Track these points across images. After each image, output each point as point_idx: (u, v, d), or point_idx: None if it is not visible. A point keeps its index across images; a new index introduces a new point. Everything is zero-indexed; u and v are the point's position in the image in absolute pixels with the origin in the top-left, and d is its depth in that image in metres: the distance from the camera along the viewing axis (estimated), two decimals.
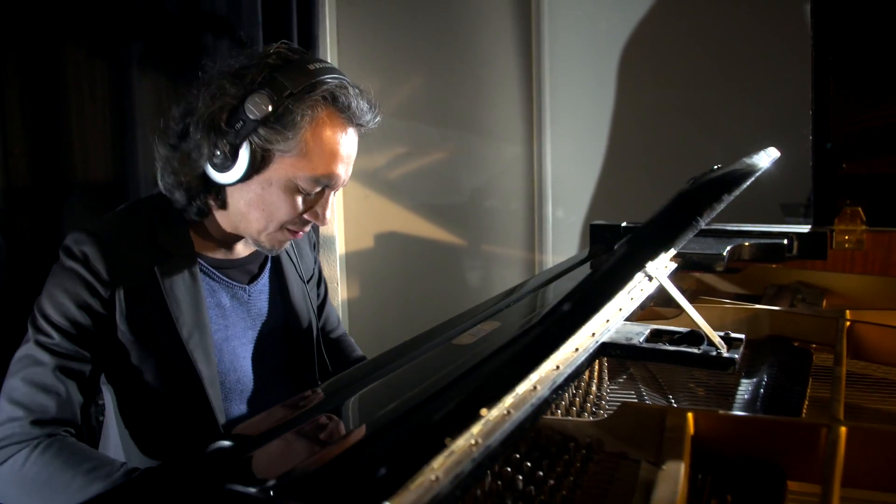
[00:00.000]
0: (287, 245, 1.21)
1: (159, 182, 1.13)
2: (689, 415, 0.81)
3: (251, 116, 1.01)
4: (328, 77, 1.05)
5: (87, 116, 1.73)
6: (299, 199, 1.10)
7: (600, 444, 0.85)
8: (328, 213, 1.14)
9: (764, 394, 0.99)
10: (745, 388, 1.03)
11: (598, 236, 1.71)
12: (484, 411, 0.57)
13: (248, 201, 1.10)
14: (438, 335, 1.06)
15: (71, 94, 1.71)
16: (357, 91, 1.09)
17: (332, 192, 1.14)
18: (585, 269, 1.50)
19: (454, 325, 1.11)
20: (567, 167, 2.56)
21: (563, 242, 2.62)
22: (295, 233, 1.14)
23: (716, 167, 0.95)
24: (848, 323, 1.14)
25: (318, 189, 1.10)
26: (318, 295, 1.42)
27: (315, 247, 1.43)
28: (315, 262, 1.41)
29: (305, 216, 1.13)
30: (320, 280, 1.43)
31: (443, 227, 2.63)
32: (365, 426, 0.67)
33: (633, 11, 2.35)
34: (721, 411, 0.83)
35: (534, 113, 2.56)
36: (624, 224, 1.69)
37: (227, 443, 0.75)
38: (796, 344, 1.21)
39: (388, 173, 2.50)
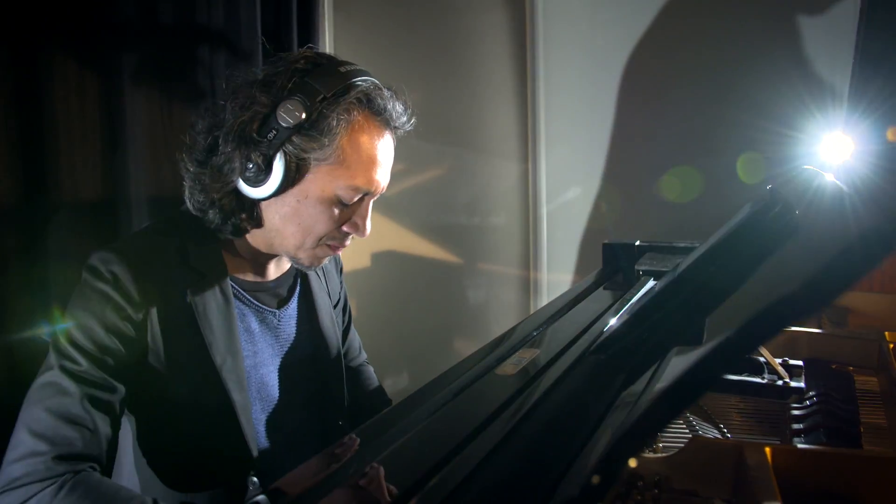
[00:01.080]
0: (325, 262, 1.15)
1: (188, 201, 1.06)
2: (767, 450, 0.77)
3: (284, 124, 0.95)
4: (361, 79, 1.00)
5: (76, 132, 1.64)
6: (337, 211, 1.04)
7: (668, 480, 0.80)
8: (368, 224, 1.08)
9: (820, 422, 0.95)
10: (798, 415, 0.99)
11: (611, 255, 1.68)
12: (632, 462, 0.51)
13: (283, 216, 1.03)
14: (474, 365, 1.01)
15: (58, 108, 1.61)
16: (391, 93, 1.04)
17: (371, 201, 1.08)
18: (602, 293, 1.46)
19: (486, 354, 1.06)
20: (563, 184, 2.53)
21: (558, 261, 2.59)
22: (335, 248, 1.08)
23: (769, 187, 0.91)
24: (892, 345, 1.12)
25: (357, 198, 1.05)
26: (343, 321, 1.36)
27: (341, 270, 1.36)
28: (341, 287, 1.35)
29: (344, 228, 1.07)
30: (345, 305, 1.37)
31: (439, 245, 2.57)
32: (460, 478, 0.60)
33: (630, 29, 2.34)
34: (800, 445, 0.79)
35: (529, 129, 2.53)
36: (637, 242, 1.66)
37: (263, 498, 0.69)
38: (834, 367, 1.18)
39: (385, 191, 2.44)
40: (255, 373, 1.10)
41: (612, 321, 1.07)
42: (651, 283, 1.38)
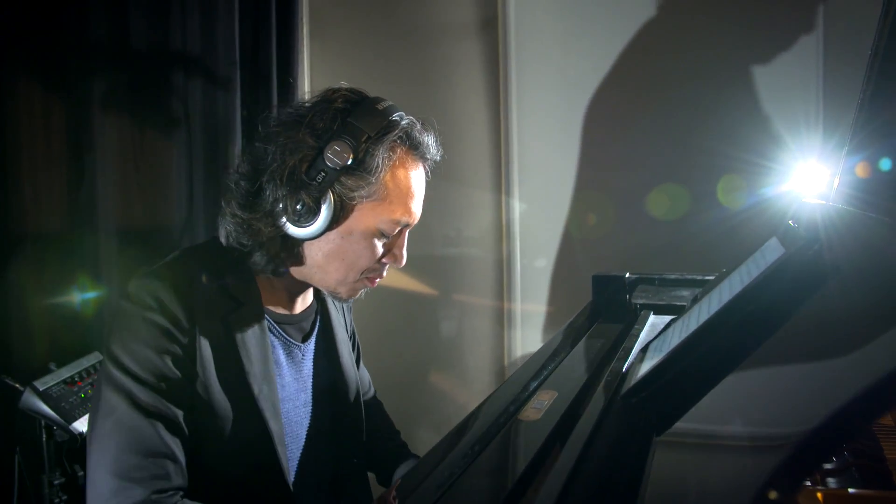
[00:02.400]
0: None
1: (224, 240, 1.06)
2: (819, 495, 0.74)
3: (331, 165, 0.97)
4: (397, 115, 1.03)
5: (41, 161, 1.55)
6: (379, 244, 1.06)
7: None
8: (405, 254, 1.10)
9: (850, 460, 0.93)
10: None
11: (601, 287, 1.65)
12: None
13: (327, 253, 1.04)
14: (491, 410, 0.96)
15: (22, 136, 1.52)
16: (422, 126, 1.08)
17: (407, 232, 1.10)
18: (601, 328, 1.43)
19: (502, 397, 1.01)
20: (536, 215, 2.52)
21: (532, 291, 2.56)
22: (373, 280, 1.10)
23: (791, 223, 0.90)
24: None
25: (397, 231, 1.07)
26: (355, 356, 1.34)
27: (350, 307, 1.35)
28: (350, 324, 1.35)
29: (384, 260, 1.09)
30: (354, 340, 1.36)
31: (413, 275, 2.52)
32: None
33: (602, 60, 2.36)
34: (851, 490, 0.76)
35: (502, 159, 2.51)
36: (627, 274, 1.64)
37: None
38: None
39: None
40: (282, 407, 1.09)
41: (632, 358, 1.04)
42: (652, 317, 1.36)
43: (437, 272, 2.55)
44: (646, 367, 0.89)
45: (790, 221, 0.94)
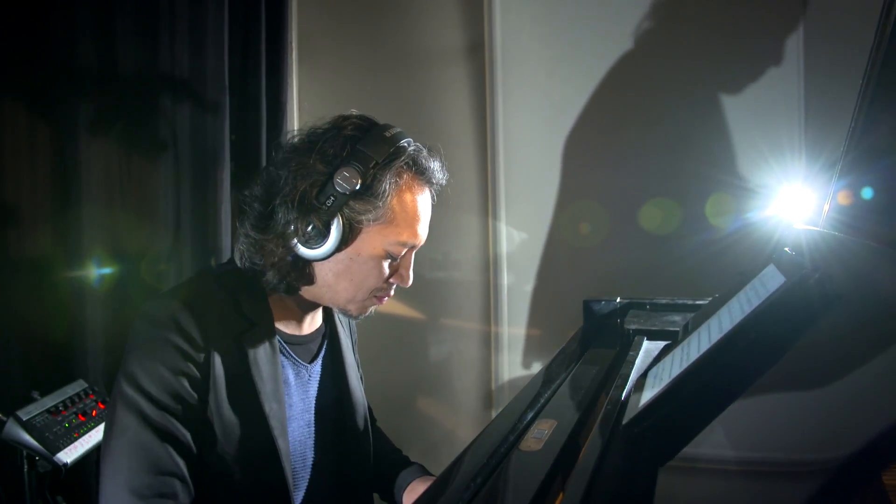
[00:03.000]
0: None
1: (239, 261, 1.09)
2: None
3: (341, 191, 1.01)
4: (405, 141, 1.07)
5: (25, 185, 1.52)
6: (386, 265, 1.10)
7: None
8: (411, 274, 1.14)
9: None
10: None
11: (592, 312, 1.65)
12: None
13: (336, 273, 1.08)
14: (490, 440, 0.95)
15: (6, 160, 1.50)
16: (429, 152, 1.12)
17: (413, 253, 1.14)
18: (595, 353, 1.43)
19: (500, 426, 1.00)
20: (522, 238, 2.53)
21: (519, 315, 2.56)
22: (381, 298, 1.13)
23: (787, 250, 0.91)
24: None
25: (404, 252, 1.11)
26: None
27: (356, 340, 1.37)
28: (355, 354, 1.35)
29: (391, 280, 1.13)
30: (358, 366, 1.36)
31: (402, 300, 2.51)
32: None
33: (587, 84, 2.39)
34: None
35: (489, 183, 2.52)
36: (618, 299, 1.65)
37: None
38: None
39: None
40: (288, 426, 1.10)
41: (630, 386, 1.03)
42: (646, 343, 1.36)
43: (424, 296, 2.54)
44: (647, 396, 0.88)
45: (786, 248, 0.94)
